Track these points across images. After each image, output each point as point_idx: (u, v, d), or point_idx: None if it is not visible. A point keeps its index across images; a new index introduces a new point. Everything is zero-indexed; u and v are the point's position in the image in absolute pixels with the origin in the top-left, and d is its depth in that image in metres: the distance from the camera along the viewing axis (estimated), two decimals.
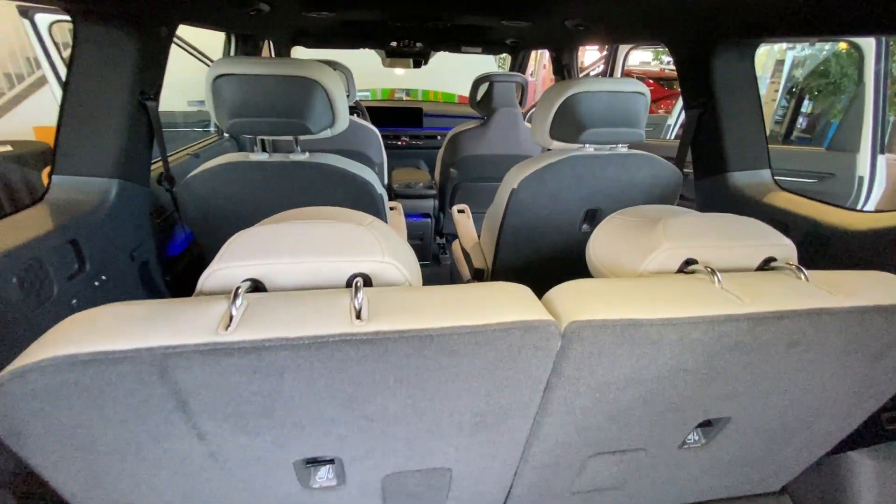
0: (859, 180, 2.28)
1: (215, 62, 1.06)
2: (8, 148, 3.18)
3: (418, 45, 2.47)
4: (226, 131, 1.38)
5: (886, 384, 0.73)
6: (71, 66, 1.13)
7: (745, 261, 0.71)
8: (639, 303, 0.57)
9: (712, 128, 1.43)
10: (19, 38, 4.27)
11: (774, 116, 4.88)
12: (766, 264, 0.71)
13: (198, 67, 2.18)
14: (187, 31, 1.88)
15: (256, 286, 0.58)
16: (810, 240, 1.14)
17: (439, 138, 3.21)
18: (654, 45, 4.29)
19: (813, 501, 0.98)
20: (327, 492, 0.71)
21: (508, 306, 0.55)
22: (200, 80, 1.08)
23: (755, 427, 0.78)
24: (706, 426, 0.81)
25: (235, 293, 0.50)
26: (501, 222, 1.39)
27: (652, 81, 6.62)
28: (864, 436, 0.94)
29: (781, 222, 1.22)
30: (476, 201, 2.41)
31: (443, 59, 3.03)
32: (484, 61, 4.02)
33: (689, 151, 1.54)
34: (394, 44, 2.48)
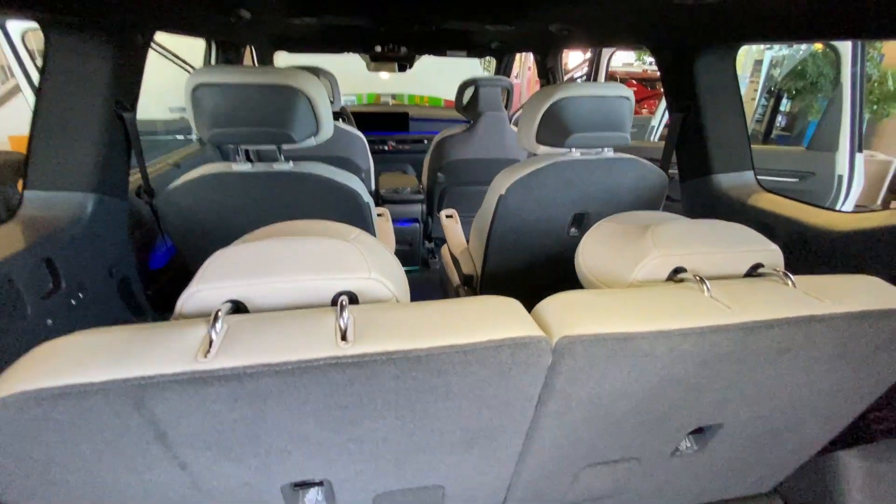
0: (839, 179, 2.33)
1: (194, 71, 1.04)
2: None
3: (403, 49, 2.46)
4: (207, 141, 1.34)
5: (873, 385, 0.74)
6: (43, 77, 1.09)
7: (732, 267, 0.71)
8: (629, 315, 0.57)
9: (696, 131, 1.44)
10: None
11: (755, 116, 4.98)
12: (754, 270, 0.71)
13: (179, 72, 2.13)
14: (168, 35, 1.83)
15: (238, 307, 0.56)
16: (795, 241, 1.15)
17: (426, 142, 3.20)
18: (638, 49, 4.35)
19: (803, 501, 0.99)
20: None
21: (498, 322, 0.53)
22: (181, 86, 1.05)
23: (746, 432, 0.79)
24: (698, 433, 0.81)
25: (215, 316, 0.48)
26: (490, 228, 1.38)
27: (635, 82, 6.68)
28: (853, 436, 0.95)
29: (766, 224, 1.24)
30: (464, 205, 2.41)
31: (428, 63, 3.02)
32: (469, 65, 4.02)
33: (674, 154, 1.56)
34: (378, 48, 2.46)
